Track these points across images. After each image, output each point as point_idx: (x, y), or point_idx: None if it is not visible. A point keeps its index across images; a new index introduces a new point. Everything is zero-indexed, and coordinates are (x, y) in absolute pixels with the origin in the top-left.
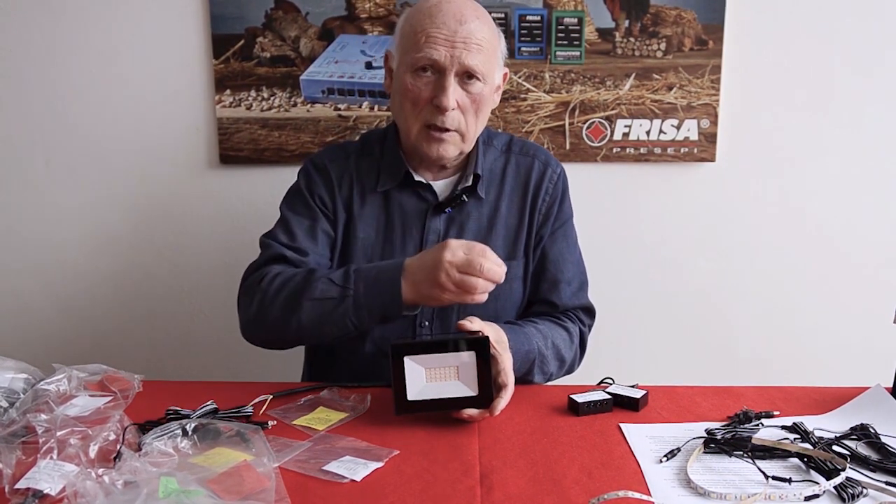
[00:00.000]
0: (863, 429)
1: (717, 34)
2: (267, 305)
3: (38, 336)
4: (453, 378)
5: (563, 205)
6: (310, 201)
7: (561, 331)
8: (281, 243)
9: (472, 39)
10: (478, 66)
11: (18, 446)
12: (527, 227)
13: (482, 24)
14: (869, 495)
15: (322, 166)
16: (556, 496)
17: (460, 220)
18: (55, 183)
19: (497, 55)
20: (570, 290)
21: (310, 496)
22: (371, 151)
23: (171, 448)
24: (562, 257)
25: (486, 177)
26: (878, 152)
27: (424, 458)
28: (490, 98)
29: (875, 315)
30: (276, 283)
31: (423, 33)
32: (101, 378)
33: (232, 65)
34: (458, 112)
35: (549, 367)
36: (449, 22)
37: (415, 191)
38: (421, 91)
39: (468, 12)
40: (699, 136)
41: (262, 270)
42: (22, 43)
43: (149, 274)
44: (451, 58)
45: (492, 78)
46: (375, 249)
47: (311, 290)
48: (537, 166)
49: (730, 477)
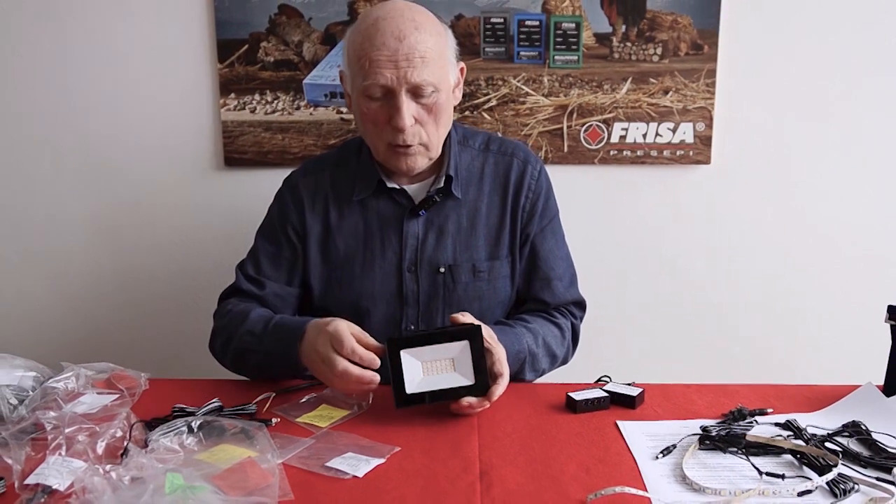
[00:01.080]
0: (854, 426)
1: (711, 39)
2: (214, 340)
3: (47, 335)
4: (449, 369)
5: (548, 202)
6: (277, 228)
7: (552, 328)
8: (246, 274)
9: (415, 54)
10: (426, 79)
11: (28, 443)
12: (510, 226)
13: (422, 34)
14: (860, 491)
15: (294, 185)
16: (554, 492)
17: (439, 222)
18: (63, 184)
19: (446, 57)
20: (563, 285)
21: (313, 492)
22: (347, 161)
23: (177, 445)
24: (552, 254)
25: (464, 176)
26: (869, 154)
27: (425, 454)
28: (448, 101)
29: (866, 314)
30: (223, 321)
31: (365, 58)
32: (108, 376)
33: (236, 69)
34: (418, 126)
35: (540, 364)
36: (389, 42)
37: (390, 196)
38: (377, 114)
39: (406, 26)
40: (694, 138)
41: (223, 304)
42: (31, 48)
43: (155, 274)
44: (398, 78)
45: (445, 82)
46: (357, 258)
47: (240, 338)
48: (516, 165)
49: (724, 473)
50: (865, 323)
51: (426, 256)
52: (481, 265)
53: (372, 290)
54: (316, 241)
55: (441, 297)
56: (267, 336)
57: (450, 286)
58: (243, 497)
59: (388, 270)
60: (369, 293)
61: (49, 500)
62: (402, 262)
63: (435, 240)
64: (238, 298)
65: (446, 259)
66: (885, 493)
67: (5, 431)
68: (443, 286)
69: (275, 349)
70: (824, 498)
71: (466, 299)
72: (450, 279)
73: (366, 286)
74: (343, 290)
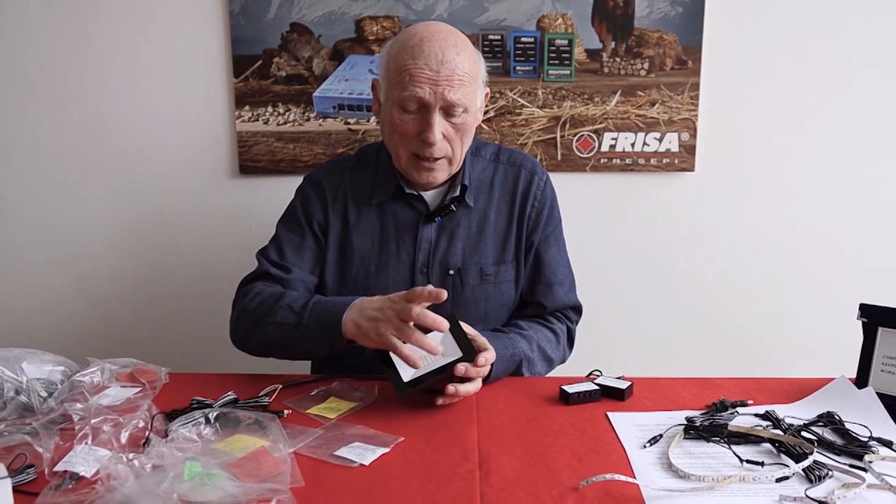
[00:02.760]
0: (829, 416)
1: (695, 55)
2: (241, 321)
3: (74, 332)
4: (438, 354)
5: (552, 211)
6: (301, 220)
7: (547, 332)
8: (269, 260)
9: (455, 76)
10: (460, 99)
11: (57, 432)
12: (516, 233)
13: (462, 59)
14: (834, 477)
15: (318, 182)
16: (548, 479)
17: (451, 228)
18: (89, 191)
19: (478, 82)
20: (563, 290)
21: (322, 479)
22: (366, 165)
23: (195, 435)
24: (555, 261)
25: (475, 186)
26: (841, 161)
27: (428, 444)
28: (474, 122)
29: (840, 312)
30: (253, 302)
31: (406, 72)
32: (131, 370)
33: (251, 83)
34: (445, 142)
35: (536, 368)
36: (431, 62)
37: (407, 202)
38: (408, 125)
39: (448, 50)
40: (680, 148)
41: (247, 287)
42: (61, 67)
43: (174, 275)
44: (435, 95)
45: (474, 105)
46: (372, 257)
47: (274, 315)
48: (524, 175)
49: (708, 461)
50: (839, 320)
51: (438, 259)
52: (488, 269)
53: (385, 288)
54: (335, 237)
55: (450, 297)
56: (308, 312)
57: (458, 288)
58: (257, 484)
59: (401, 271)
60: (382, 291)
61: (76, 486)
62: (415, 264)
63: (446, 244)
64: (264, 283)
65: (456, 262)
66: (857, 479)
67: (36, 422)
68: (452, 288)
69: (316, 323)
70: (800, 483)
71: (473, 300)
72: (458, 281)
73: (379, 285)
74: (357, 287)
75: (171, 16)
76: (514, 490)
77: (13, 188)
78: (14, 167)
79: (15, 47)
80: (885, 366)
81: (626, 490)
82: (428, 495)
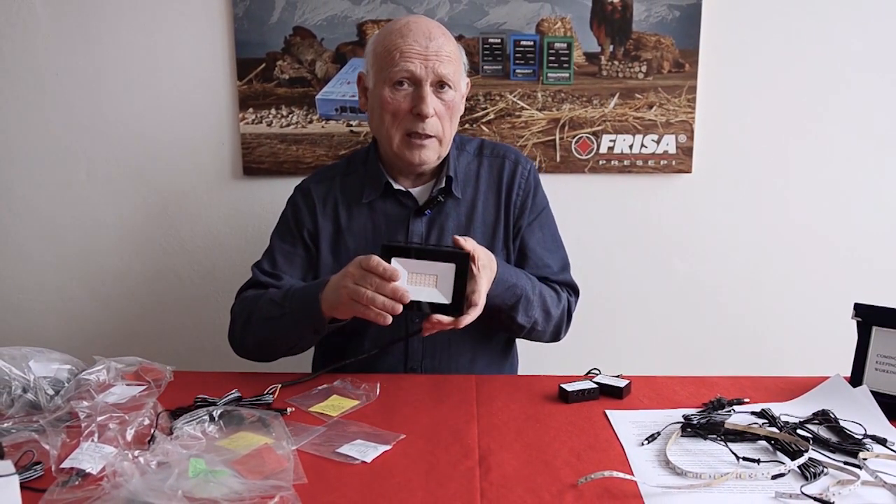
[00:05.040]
0: (824, 414)
1: (692, 58)
2: (234, 325)
3: (80, 331)
4: (431, 285)
5: (536, 197)
6: (293, 229)
7: (549, 289)
8: (262, 270)
9: (442, 52)
10: (449, 74)
11: (63, 430)
12: (504, 221)
13: (447, 40)
14: (829, 474)
15: (307, 191)
16: (547, 476)
17: (440, 220)
18: (95, 192)
19: (461, 66)
20: (552, 272)
21: (325, 476)
22: (356, 169)
23: (200, 432)
24: (541, 245)
25: (462, 179)
26: (837, 163)
27: (428, 441)
28: (460, 104)
29: (835, 312)
30: (240, 306)
31: (396, 50)
32: (136, 369)
33: (254, 86)
34: (436, 119)
35: (533, 312)
36: (419, 39)
37: (396, 199)
38: (400, 103)
39: (435, 30)
40: (677, 149)
41: (240, 296)
42: (67, 67)
43: (179, 274)
44: (426, 69)
45: (459, 86)
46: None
47: (260, 311)
48: (508, 165)
49: (704, 458)
50: (834, 319)
51: None
52: None
53: None
54: (327, 241)
55: None
56: (288, 299)
57: None
58: (261, 481)
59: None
60: None
61: (83, 483)
62: None
63: (437, 236)
64: (255, 291)
65: None
66: (851, 476)
67: (43, 420)
68: None
69: (297, 307)
70: (796, 480)
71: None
72: None
73: None
74: None
75: (176, 20)
76: (513, 487)
77: (21, 188)
78: (22, 167)
79: (23, 51)
80: (880, 364)
81: (624, 487)
82: (429, 492)
